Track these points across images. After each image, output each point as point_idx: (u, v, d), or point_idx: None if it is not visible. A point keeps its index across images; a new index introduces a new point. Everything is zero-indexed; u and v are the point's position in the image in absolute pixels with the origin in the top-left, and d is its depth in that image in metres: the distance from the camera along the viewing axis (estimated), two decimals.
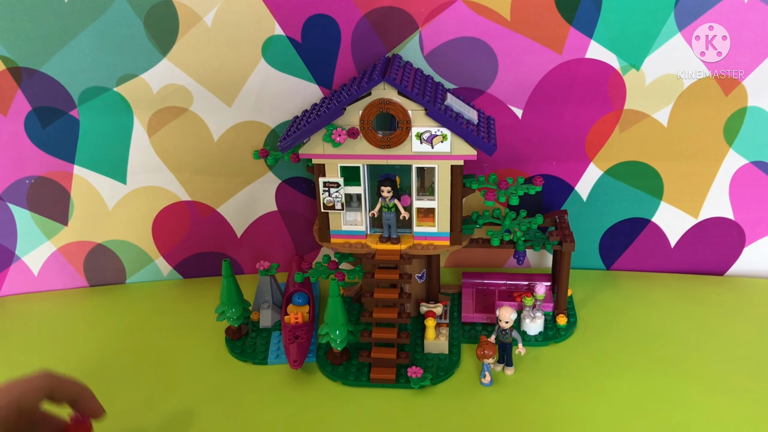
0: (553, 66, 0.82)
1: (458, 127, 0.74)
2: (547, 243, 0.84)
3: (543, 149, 0.90)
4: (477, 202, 0.91)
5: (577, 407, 0.75)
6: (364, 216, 0.82)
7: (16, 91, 0.84)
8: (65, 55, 0.81)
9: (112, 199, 0.94)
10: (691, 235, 0.96)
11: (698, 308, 0.90)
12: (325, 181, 0.79)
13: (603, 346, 0.84)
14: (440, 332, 0.84)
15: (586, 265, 0.99)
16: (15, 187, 0.92)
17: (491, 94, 0.85)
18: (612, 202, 0.94)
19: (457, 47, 0.81)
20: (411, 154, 0.77)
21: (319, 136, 0.76)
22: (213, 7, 0.79)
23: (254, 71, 0.83)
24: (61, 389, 0.60)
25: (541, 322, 0.86)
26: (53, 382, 0.59)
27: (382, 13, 0.80)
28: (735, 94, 0.84)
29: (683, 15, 0.79)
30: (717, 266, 0.98)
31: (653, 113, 0.86)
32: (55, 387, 0.59)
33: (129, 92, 0.85)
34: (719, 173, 0.91)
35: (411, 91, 0.73)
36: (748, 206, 0.93)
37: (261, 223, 0.98)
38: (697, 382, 0.77)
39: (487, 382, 0.78)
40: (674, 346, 0.83)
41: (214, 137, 0.89)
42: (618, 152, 0.90)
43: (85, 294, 0.99)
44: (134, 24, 0.79)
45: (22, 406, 0.57)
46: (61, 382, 0.60)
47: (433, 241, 0.82)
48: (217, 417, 0.76)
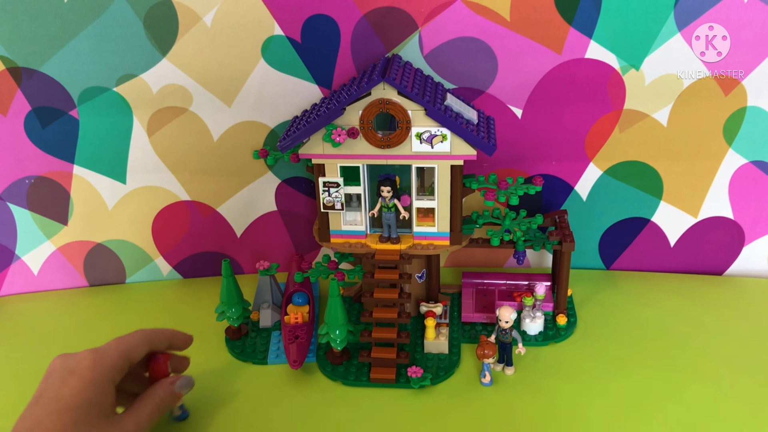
0: (552, 66, 0.82)
1: (458, 127, 0.74)
2: (547, 243, 0.84)
3: (543, 149, 0.90)
4: (477, 202, 0.91)
5: (577, 407, 0.75)
6: (364, 216, 0.82)
7: (15, 91, 0.84)
8: (65, 55, 0.81)
9: (111, 198, 0.94)
10: (691, 234, 0.96)
11: (699, 308, 0.90)
12: (325, 181, 0.79)
13: (603, 346, 0.84)
14: (440, 332, 0.84)
15: (585, 264, 0.99)
16: (15, 187, 0.92)
17: (491, 94, 0.85)
18: (612, 202, 0.94)
19: (456, 47, 0.81)
20: (411, 154, 0.77)
21: (319, 136, 0.76)
22: (213, 7, 0.79)
23: (254, 71, 0.83)
24: (157, 339, 0.71)
25: (541, 321, 0.86)
26: (152, 335, 0.71)
27: (382, 13, 0.80)
28: (734, 94, 0.84)
29: (683, 15, 0.79)
30: (716, 265, 0.98)
31: (653, 113, 0.86)
32: (154, 338, 0.71)
33: (129, 92, 0.85)
34: (719, 173, 0.91)
35: (411, 91, 0.73)
36: (747, 205, 0.93)
37: (261, 223, 0.98)
38: (698, 382, 0.77)
39: (487, 381, 0.79)
40: (674, 345, 0.83)
41: (214, 137, 0.89)
42: (618, 152, 0.90)
43: (84, 294, 0.99)
44: (134, 24, 0.79)
45: (132, 357, 0.67)
46: (156, 333, 0.71)
47: (433, 240, 0.82)
48: (216, 417, 0.76)
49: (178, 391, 0.70)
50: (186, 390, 0.71)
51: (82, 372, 0.63)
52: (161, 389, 0.69)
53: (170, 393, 0.70)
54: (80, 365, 0.64)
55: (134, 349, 0.68)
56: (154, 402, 0.68)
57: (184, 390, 0.71)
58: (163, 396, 0.69)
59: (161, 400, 0.68)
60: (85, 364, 0.64)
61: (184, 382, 0.71)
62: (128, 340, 0.68)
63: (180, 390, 0.71)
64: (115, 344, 0.67)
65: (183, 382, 0.71)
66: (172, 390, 0.70)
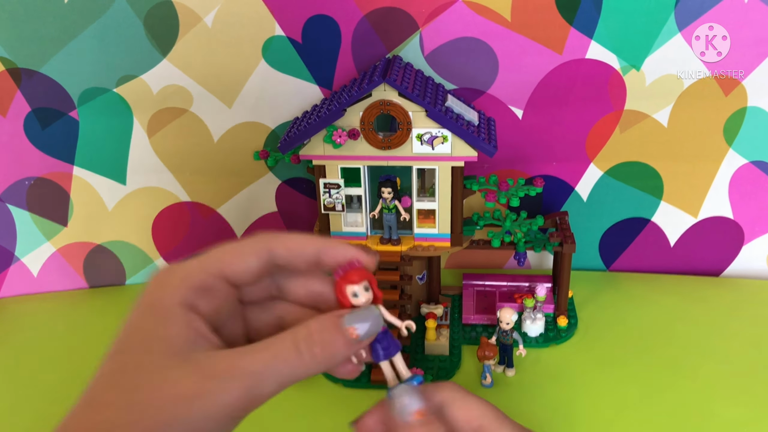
0: (553, 66, 0.82)
1: (459, 128, 0.74)
2: (547, 244, 0.84)
3: (543, 149, 0.90)
4: (477, 204, 0.91)
5: (578, 408, 0.75)
6: (365, 217, 0.82)
7: (15, 92, 0.84)
8: (65, 55, 0.81)
9: (111, 199, 0.94)
10: (691, 234, 0.96)
11: (699, 309, 0.90)
12: (326, 182, 0.79)
13: (604, 348, 0.84)
14: (441, 333, 0.84)
15: (585, 264, 0.99)
16: (14, 188, 0.92)
17: (491, 94, 0.85)
18: (612, 203, 0.94)
19: (457, 48, 0.81)
20: (411, 155, 0.77)
21: (320, 137, 0.76)
22: (213, 8, 0.79)
23: (254, 72, 0.83)
24: (286, 247, 0.43)
25: (541, 323, 0.86)
26: (272, 242, 0.43)
27: (383, 13, 0.79)
28: (735, 94, 0.84)
29: (683, 15, 0.79)
30: (715, 264, 0.98)
31: (653, 113, 0.86)
32: (276, 245, 0.43)
33: (129, 93, 0.85)
34: (719, 173, 0.91)
35: (412, 92, 0.73)
36: (747, 205, 0.93)
37: (261, 223, 0.98)
38: (700, 383, 0.77)
39: (487, 383, 0.78)
40: (675, 347, 0.83)
41: (214, 138, 0.89)
42: (618, 152, 0.90)
43: (84, 295, 0.99)
44: (134, 25, 0.79)
45: (231, 273, 0.42)
46: (280, 240, 0.43)
47: (434, 242, 0.82)
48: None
49: (349, 328, 0.40)
50: (365, 331, 0.41)
51: (140, 298, 0.42)
52: (316, 323, 0.40)
53: (331, 329, 0.40)
54: (144, 290, 0.42)
55: (233, 261, 0.42)
56: (291, 340, 0.39)
57: (361, 329, 0.40)
58: (315, 331, 0.39)
59: (309, 338, 0.39)
60: (148, 287, 0.42)
61: (364, 316, 0.41)
62: (229, 248, 0.43)
63: (353, 326, 0.40)
64: (206, 255, 0.43)
65: (360, 317, 0.41)
66: (336, 325, 0.40)
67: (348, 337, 0.40)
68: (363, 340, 0.41)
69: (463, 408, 0.43)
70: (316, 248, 0.43)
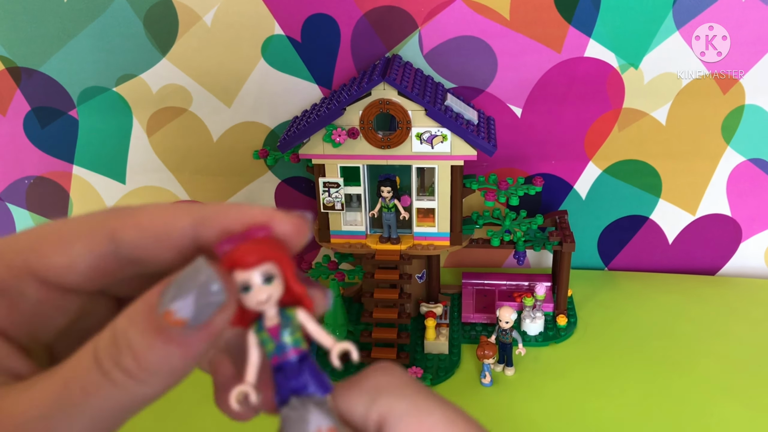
0: (552, 65, 0.82)
1: (458, 127, 0.74)
2: (547, 243, 0.84)
3: (542, 148, 0.90)
4: (477, 202, 0.91)
5: (577, 407, 0.75)
6: (364, 216, 0.82)
7: (15, 91, 0.84)
8: (64, 55, 0.81)
9: (111, 199, 0.94)
10: (689, 231, 0.96)
11: (698, 307, 0.90)
12: (325, 181, 0.79)
13: (603, 347, 0.84)
14: (440, 332, 0.84)
15: (584, 262, 0.99)
16: (14, 187, 0.92)
17: (491, 93, 0.85)
18: (611, 201, 0.94)
19: (456, 46, 0.81)
20: (411, 154, 0.77)
21: (319, 136, 0.76)
22: (212, 7, 0.79)
23: (254, 71, 0.83)
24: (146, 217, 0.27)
25: (541, 322, 0.86)
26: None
27: (382, 12, 0.80)
28: (733, 92, 0.84)
29: (681, 14, 0.79)
30: (714, 261, 0.99)
31: (652, 112, 0.86)
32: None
33: (128, 92, 0.85)
34: (717, 171, 0.91)
35: (411, 91, 0.73)
36: (744, 203, 0.93)
37: None
38: (699, 382, 0.77)
39: (487, 382, 0.79)
40: (674, 345, 0.83)
41: (214, 137, 0.89)
42: (617, 151, 0.90)
43: None
44: (134, 24, 0.79)
45: None
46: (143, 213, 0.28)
47: (433, 241, 0.82)
48: (216, 417, 0.75)
49: (165, 312, 0.23)
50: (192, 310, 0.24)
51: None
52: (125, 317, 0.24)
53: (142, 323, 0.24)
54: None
55: (49, 250, 0.26)
56: (92, 354, 0.24)
57: (182, 308, 0.24)
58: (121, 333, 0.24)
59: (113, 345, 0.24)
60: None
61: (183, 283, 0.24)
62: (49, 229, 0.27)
63: (168, 308, 0.24)
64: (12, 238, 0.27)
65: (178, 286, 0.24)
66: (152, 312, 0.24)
67: (168, 331, 0.23)
68: (199, 329, 0.24)
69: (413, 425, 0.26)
70: (192, 220, 0.26)
